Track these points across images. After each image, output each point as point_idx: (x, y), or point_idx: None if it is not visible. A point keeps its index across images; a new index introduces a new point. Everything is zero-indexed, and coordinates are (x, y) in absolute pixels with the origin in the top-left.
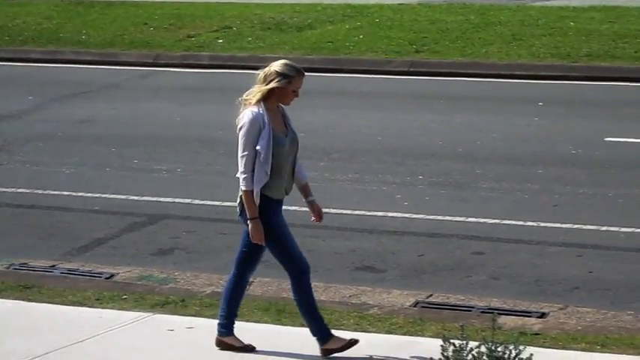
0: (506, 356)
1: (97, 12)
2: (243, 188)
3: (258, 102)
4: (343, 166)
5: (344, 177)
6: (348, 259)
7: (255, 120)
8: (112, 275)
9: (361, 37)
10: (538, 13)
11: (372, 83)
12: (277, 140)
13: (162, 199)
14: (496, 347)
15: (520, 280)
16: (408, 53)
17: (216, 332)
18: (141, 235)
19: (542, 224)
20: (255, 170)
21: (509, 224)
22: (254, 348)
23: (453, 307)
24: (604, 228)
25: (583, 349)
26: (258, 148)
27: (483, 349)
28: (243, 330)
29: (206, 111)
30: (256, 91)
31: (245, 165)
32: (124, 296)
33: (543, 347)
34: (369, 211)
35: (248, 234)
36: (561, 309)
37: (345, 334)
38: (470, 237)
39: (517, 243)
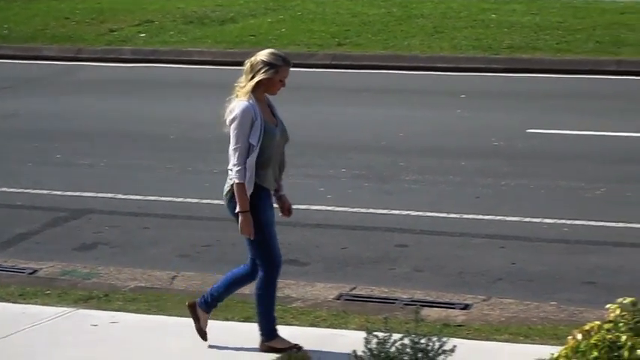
0: (429, 348)
1: (18, 6)
2: (237, 181)
3: (247, 94)
4: None
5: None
6: None
7: (247, 112)
8: (35, 271)
9: (283, 30)
10: (460, 6)
11: (294, 76)
12: (269, 131)
13: (85, 194)
14: (419, 339)
15: (443, 272)
16: (331, 46)
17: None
18: (64, 230)
19: (465, 216)
20: (248, 162)
21: (432, 216)
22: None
23: (377, 300)
24: (527, 219)
25: (506, 340)
26: (251, 141)
27: (406, 341)
28: (165, 325)
29: (129, 105)
30: (245, 83)
31: (238, 157)
32: (47, 291)
33: (467, 339)
34: (293, 204)
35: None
36: (484, 300)
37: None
38: (393, 229)
39: (440, 235)
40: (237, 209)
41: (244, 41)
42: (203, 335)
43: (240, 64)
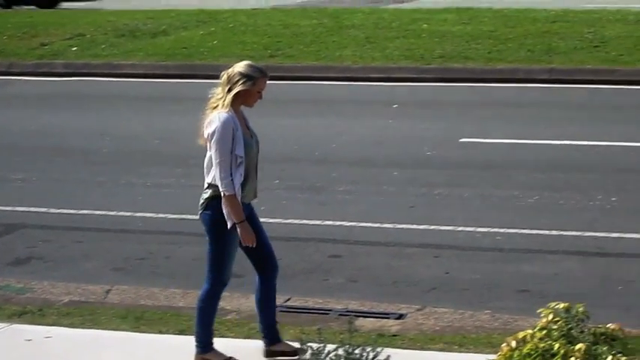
0: (363, 358)
1: None
2: (227, 193)
3: (227, 106)
4: (200, 172)
5: (200, 183)
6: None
7: (227, 124)
8: None
9: (215, 42)
10: (391, 16)
11: None
12: (246, 143)
13: (18, 209)
14: (353, 349)
15: (377, 282)
16: (263, 58)
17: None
18: None
19: (399, 226)
20: (233, 175)
21: (365, 227)
22: None
23: (311, 311)
24: (460, 228)
25: (441, 349)
26: (237, 152)
27: (341, 351)
28: (100, 339)
29: (61, 119)
30: (223, 95)
31: (224, 170)
32: None
33: (401, 348)
34: None
35: (215, 242)
36: (419, 310)
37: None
38: (327, 240)
39: (374, 245)
40: (234, 220)
41: (176, 54)
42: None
43: (172, 76)
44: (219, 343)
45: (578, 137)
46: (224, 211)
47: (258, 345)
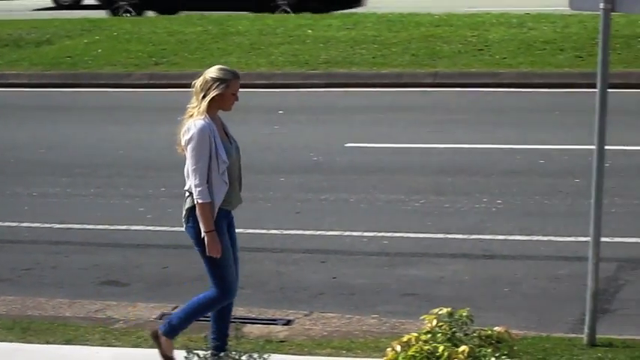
0: None
1: None
2: (200, 201)
3: (202, 112)
4: (85, 181)
5: (86, 192)
6: (92, 274)
7: (203, 131)
8: None
9: (100, 50)
10: (276, 22)
11: (112, 97)
12: (225, 149)
13: None
14: (240, 356)
15: (265, 289)
16: (147, 66)
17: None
18: None
19: (286, 232)
20: (213, 183)
21: (252, 233)
22: None
23: (198, 318)
24: (347, 233)
25: (329, 355)
26: (223, 158)
27: (228, 358)
28: None
29: None
30: (197, 104)
31: (199, 177)
32: None
33: (289, 354)
34: (112, 225)
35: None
36: (306, 315)
37: (91, 350)
38: None
39: (261, 251)
40: (203, 229)
41: (61, 62)
42: None
43: (57, 85)
44: (107, 353)
45: (462, 141)
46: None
47: (145, 353)
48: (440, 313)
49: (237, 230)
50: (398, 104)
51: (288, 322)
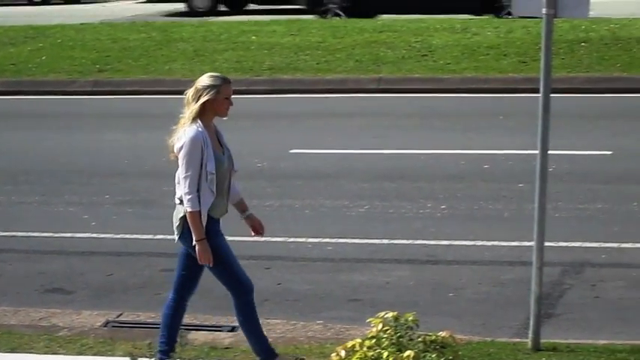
0: None
1: None
2: (189, 209)
3: (194, 120)
4: (30, 188)
5: (30, 199)
6: (36, 282)
7: (196, 139)
8: None
9: (44, 58)
10: (220, 29)
11: (56, 104)
12: (217, 158)
13: None
14: None
15: (210, 295)
16: (92, 73)
17: None
18: None
19: (230, 238)
20: (201, 191)
21: None
22: None
23: (144, 325)
24: (291, 239)
25: None
26: (208, 169)
27: None
28: None
29: None
30: (189, 110)
31: (190, 185)
32: None
33: None
34: (57, 232)
35: (186, 256)
36: None
37: (36, 358)
38: (158, 254)
39: None
40: (194, 238)
41: (5, 70)
42: None
43: (1, 93)
44: None
45: (407, 146)
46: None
47: None
48: (386, 316)
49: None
50: (342, 110)
51: (233, 329)
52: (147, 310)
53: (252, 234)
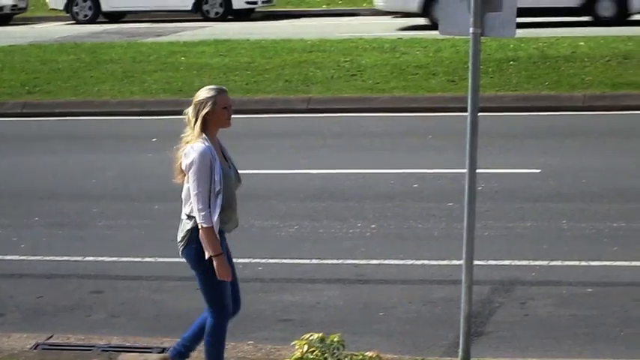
0: None
1: None
2: (205, 225)
3: (199, 135)
4: None
5: None
6: None
7: (204, 154)
8: None
9: None
10: (149, 50)
11: None
12: (225, 173)
13: None
14: None
15: (140, 317)
16: (21, 95)
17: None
18: None
19: (160, 259)
20: (211, 206)
21: (127, 261)
22: None
23: (74, 348)
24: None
25: None
26: (217, 183)
27: None
28: None
29: None
30: (192, 129)
31: (202, 202)
32: None
33: None
34: None
35: (205, 275)
36: None
37: None
38: (88, 276)
39: (136, 280)
40: (210, 253)
41: None
42: None
43: None
44: None
45: (336, 166)
46: (202, 243)
47: None
48: (311, 338)
49: (110, 259)
50: (272, 130)
51: (163, 350)
52: (77, 332)
53: None
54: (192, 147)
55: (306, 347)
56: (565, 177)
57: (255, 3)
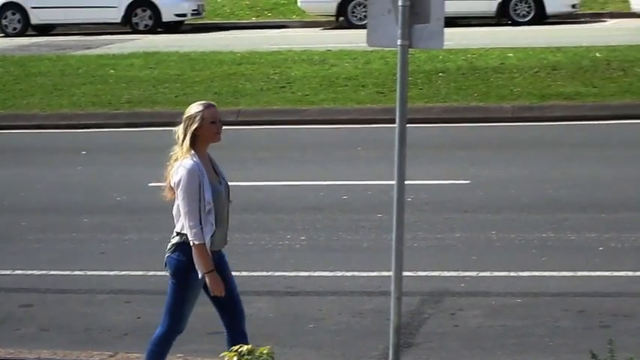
0: None
1: None
2: (196, 242)
3: (188, 152)
4: None
5: None
6: None
7: (192, 171)
8: None
9: None
10: (78, 62)
11: None
12: (215, 188)
13: None
14: None
15: (70, 330)
16: None
17: None
18: None
19: (90, 272)
20: (202, 223)
21: (56, 274)
22: None
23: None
24: (151, 273)
25: None
26: (207, 199)
27: None
28: None
29: None
30: (180, 145)
31: (193, 218)
32: None
33: None
34: None
35: (177, 286)
36: (111, 356)
37: None
38: (17, 290)
39: (65, 293)
40: (202, 271)
41: None
42: None
43: None
44: None
45: (266, 178)
46: (194, 260)
47: None
48: (240, 350)
49: (40, 272)
50: None
51: None
52: (6, 346)
53: None
54: (180, 164)
55: (235, 359)
56: (494, 188)
57: (185, 15)
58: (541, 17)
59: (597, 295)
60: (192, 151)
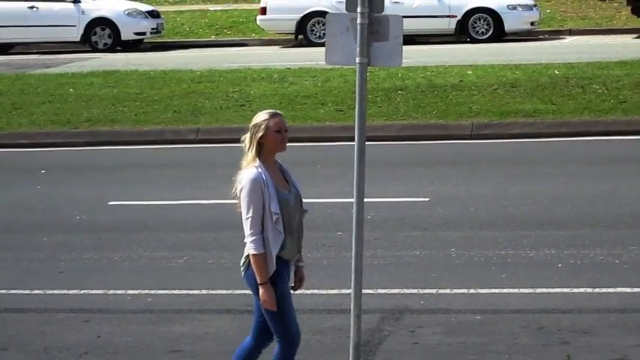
0: None
1: None
2: (254, 252)
3: (253, 160)
4: None
5: None
6: None
7: (255, 180)
8: None
9: None
10: (37, 81)
11: None
12: (281, 197)
13: None
14: None
15: (29, 349)
16: None
17: None
18: None
19: (49, 292)
20: (268, 232)
21: (15, 294)
22: None
23: None
24: (111, 291)
25: None
26: (272, 209)
27: None
28: None
29: None
30: (246, 154)
31: (252, 227)
32: None
33: None
34: None
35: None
36: None
37: None
38: None
39: (24, 312)
40: (258, 281)
41: None
42: None
43: None
44: None
45: (225, 196)
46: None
47: None
48: None
49: (0, 291)
50: (161, 161)
51: None
52: None
53: (291, 284)
54: (244, 173)
55: None
56: (453, 205)
57: (144, 34)
58: (500, 35)
59: (556, 312)
60: (258, 160)
